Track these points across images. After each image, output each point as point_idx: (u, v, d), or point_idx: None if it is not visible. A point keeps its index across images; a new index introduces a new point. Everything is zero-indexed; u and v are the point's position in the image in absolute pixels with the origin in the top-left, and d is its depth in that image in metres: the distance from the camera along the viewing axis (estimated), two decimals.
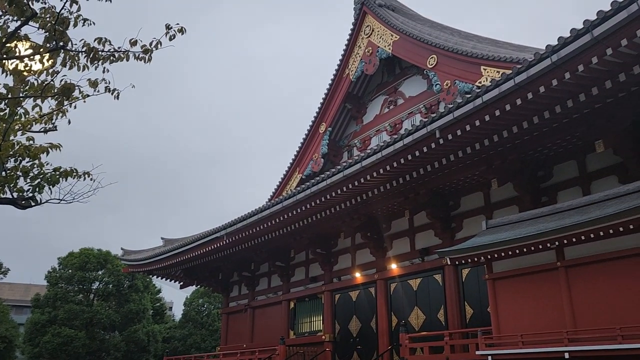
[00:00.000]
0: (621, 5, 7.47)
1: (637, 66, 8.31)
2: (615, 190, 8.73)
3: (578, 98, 9.19)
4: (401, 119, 18.85)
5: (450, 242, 14.06)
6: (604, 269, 8.00)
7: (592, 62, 8.07)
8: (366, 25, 20.05)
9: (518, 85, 8.93)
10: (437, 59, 16.36)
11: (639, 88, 9.22)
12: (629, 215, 7.02)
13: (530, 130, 10.43)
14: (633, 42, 7.62)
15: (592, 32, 7.81)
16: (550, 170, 12.45)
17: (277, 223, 15.97)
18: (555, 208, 9.53)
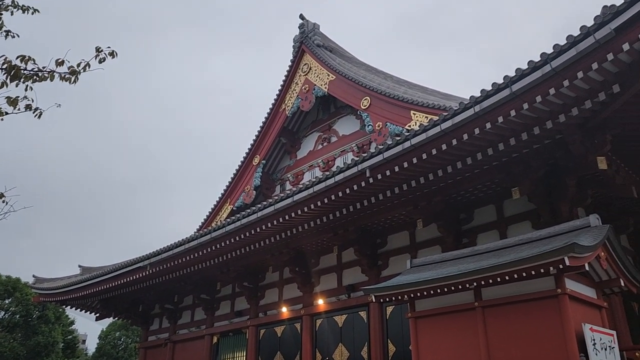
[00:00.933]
0: (536, 65, 8.17)
1: (549, 121, 9.05)
2: (528, 236, 9.30)
3: (497, 147, 9.83)
4: (334, 156, 19.23)
5: (377, 279, 14.29)
6: (517, 310, 8.41)
7: (511, 115, 8.69)
8: (304, 63, 20.52)
9: (444, 132, 9.42)
10: (371, 101, 16.96)
11: (552, 141, 10.01)
12: (538, 260, 7.48)
13: (454, 174, 10.98)
14: (546, 99, 8.32)
15: (511, 87, 8.44)
16: (471, 213, 13.08)
17: (204, 254, 15.60)
18: (474, 250, 9.99)
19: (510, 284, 8.28)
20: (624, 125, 9.48)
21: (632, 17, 7.12)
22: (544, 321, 7.95)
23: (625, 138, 9.94)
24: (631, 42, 7.27)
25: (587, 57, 7.66)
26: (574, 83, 7.96)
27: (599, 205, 11.86)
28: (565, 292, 7.75)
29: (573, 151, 9.74)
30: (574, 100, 8.50)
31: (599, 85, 8.21)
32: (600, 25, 7.37)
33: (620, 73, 7.99)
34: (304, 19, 21.48)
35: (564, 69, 7.85)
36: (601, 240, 7.93)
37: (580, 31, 7.62)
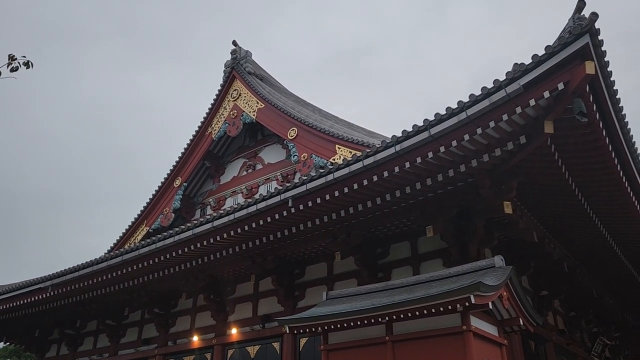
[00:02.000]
0: (454, 111, 8.68)
1: (463, 165, 9.60)
2: (439, 273, 9.69)
3: (415, 186, 10.26)
4: (258, 184, 19.17)
5: (292, 310, 14.21)
6: (425, 345, 8.66)
7: (428, 156, 9.13)
8: (234, 89, 20.50)
9: (365, 168, 9.71)
10: (298, 132, 17.18)
11: (464, 184, 10.59)
12: (446, 297, 7.80)
13: (373, 209, 11.29)
14: (461, 144, 8.83)
15: (430, 130, 8.89)
16: (387, 248, 13.44)
17: (114, 277, 14.81)
18: (388, 284, 10.25)
19: (420, 320, 8.53)
20: (528, 174, 10.24)
21: (538, 76, 7.80)
22: (450, 356, 8.23)
23: (529, 186, 10.72)
24: (537, 99, 7.94)
25: (498, 109, 8.26)
26: (486, 131, 8.53)
27: (504, 247, 12.60)
28: (470, 329, 8.10)
29: (483, 195, 10.35)
30: (486, 147, 9.10)
31: (508, 135, 8.86)
32: (511, 80, 8.00)
33: (526, 125, 8.67)
34: (236, 45, 21.56)
35: (478, 118, 8.40)
36: (504, 281, 8.41)
37: (493, 84, 8.23)
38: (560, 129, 8.61)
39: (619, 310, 19.54)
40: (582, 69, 7.51)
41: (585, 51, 7.49)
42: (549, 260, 13.63)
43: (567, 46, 7.54)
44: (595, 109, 8.39)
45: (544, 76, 7.80)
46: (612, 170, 9.96)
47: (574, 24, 7.59)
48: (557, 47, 7.62)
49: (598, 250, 14.10)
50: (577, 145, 9.33)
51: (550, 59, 7.67)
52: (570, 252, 14.37)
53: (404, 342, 8.86)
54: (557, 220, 12.51)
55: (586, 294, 16.44)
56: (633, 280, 16.48)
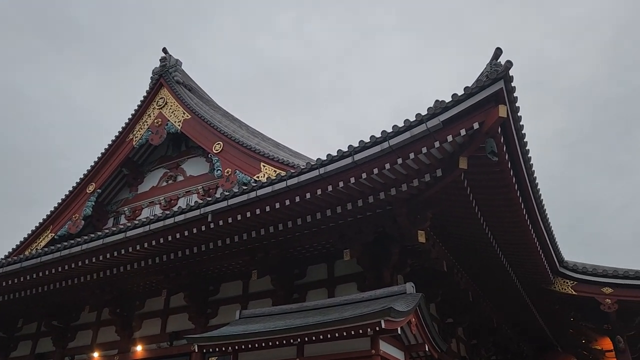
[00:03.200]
0: (377, 140, 9.01)
1: (382, 192, 9.93)
2: (353, 297, 9.87)
3: (336, 209, 10.46)
4: (178, 196, 18.65)
5: (204, 328, 13.81)
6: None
7: (350, 182, 9.37)
8: (160, 97, 19.96)
9: (289, 188, 9.78)
10: (223, 147, 16.97)
11: (383, 210, 10.93)
12: (358, 321, 7.96)
13: (293, 229, 11.34)
14: (382, 172, 9.16)
15: (354, 156, 9.15)
16: (305, 269, 13.50)
17: (9, 285, 13.72)
18: (302, 306, 10.28)
19: (331, 342, 8.62)
20: (442, 205, 10.76)
21: (456, 114, 8.30)
22: None
23: (442, 217, 11.26)
24: (454, 135, 8.43)
25: (419, 141, 8.67)
26: (406, 162, 8.91)
27: (416, 274, 13.05)
28: (378, 354, 8.30)
29: (399, 223, 10.73)
30: (405, 177, 9.48)
31: (426, 167, 9.30)
32: (432, 115, 8.44)
33: (443, 160, 9.16)
34: (166, 53, 21.08)
35: (399, 148, 8.77)
36: (414, 307, 8.71)
37: (415, 118, 8.64)
38: (473, 166, 9.16)
39: (515, 340, 20.78)
40: (496, 112, 8.09)
41: (499, 95, 8.09)
42: (455, 289, 14.30)
43: (483, 89, 8.10)
44: (505, 149, 9.04)
45: (462, 115, 8.32)
46: (516, 208, 10.71)
47: (490, 69, 8.18)
48: (475, 89, 8.17)
49: (500, 282, 15.00)
50: (487, 182, 9.96)
51: (468, 99, 8.20)
52: (475, 283, 15.17)
53: None
54: (466, 251, 13.19)
55: (487, 323, 17.37)
56: (530, 312, 17.65)
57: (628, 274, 14.64)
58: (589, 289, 15.13)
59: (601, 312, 15.18)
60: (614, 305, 14.76)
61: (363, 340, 8.42)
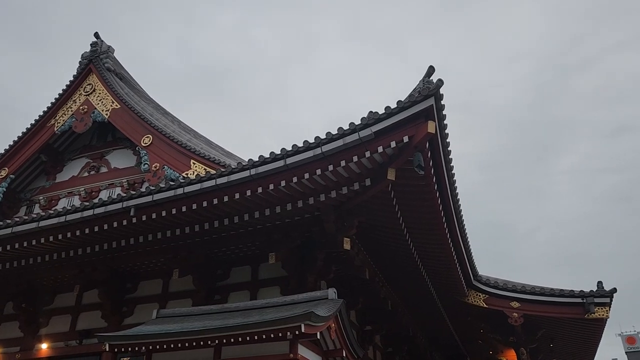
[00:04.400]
0: (310, 145, 9.09)
1: (312, 198, 10.01)
2: (275, 300, 9.85)
3: (264, 211, 10.41)
4: (100, 188, 17.80)
5: (118, 326, 13.23)
6: None
7: (281, 185, 9.37)
8: (88, 83, 19.02)
9: (218, 187, 9.62)
10: (153, 140, 16.43)
11: (311, 216, 11.01)
12: (278, 325, 7.95)
13: (220, 229, 11.15)
14: (313, 177, 9.24)
15: (286, 160, 9.17)
16: (228, 270, 13.31)
17: None
18: (223, 307, 10.13)
19: (249, 345, 8.54)
20: (369, 214, 11.01)
21: (388, 126, 8.55)
22: None
23: (368, 226, 11.52)
24: (384, 147, 8.67)
25: (350, 150, 8.84)
26: (337, 169, 9.05)
27: (339, 281, 13.24)
28: (296, 358, 8.32)
29: (326, 229, 10.85)
30: (334, 184, 9.62)
31: (356, 175, 9.49)
32: (364, 126, 8.64)
33: (373, 170, 9.38)
34: (98, 38, 20.14)
35: (331, 155, 8.89)
36: (334, 313, 8.83)
37: (349, 126, 8.80)
38: (400, 178, 9.44)
39: (428, 348, 21.56)
40: (425, 127, 8.42)
41: (429, 111, 8.42)
42: (376, 297, 14.65)
43: (415, 104, 8.40)
44: (431, 164, 9.41)
45: (393, 127, 8.57)
46: (437, 221, 11.16)
47: (423, 85, 8.51)
48: (407, 103, 8.45)
49: (419, 293, 15.53)
50: (412, 194, 10.31)
51: (400, 113, 8.47)
52: (395, 292, 15.63)
53: None
54: (388, 261, 13.56)
55: (403, 332, 17.91)
56: (444, 322, 18.39)
57: (534, 290, 15.64)
58: (499, 302, 16.00)
59: (508, 325, 16.09)
60: (520, 319, 15.69)
61: (282, 343, 8.41)
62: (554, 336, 17.34)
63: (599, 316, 15.09)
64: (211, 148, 17.12)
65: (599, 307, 15.10)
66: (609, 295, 15.19)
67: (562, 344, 18.25)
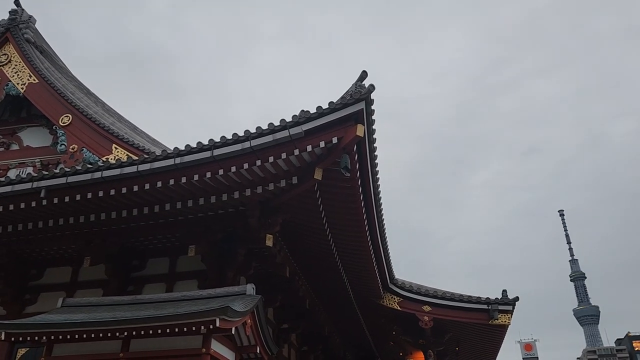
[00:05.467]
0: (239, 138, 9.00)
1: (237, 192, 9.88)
2: (191, 293, 9.63)
3: (187, 202, 10.14)
4: (8, 166, 16.58)
5: (18, 315, 12.37)
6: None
7: (206, 176, 9.18)
8: (4, 53, 17.65)
9: (139, 173, 9.26)
10: (72, 120, 15.54)
11: (235, 210, 10.87)
12: (192, 318, 7.77)
13: (138, 218, 10.74)
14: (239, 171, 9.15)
15: (213, 151, 9.00)
16: (145, 261, 12.83)
17: None
18: (136, 299, 9.76)
19: (161, 338, 8.28)
20: (293, 212, 11.03)
21: (318, 125, 8.63)
22: None
23: (292, 224, 11.54)
24: (314, 146, 8.74)
25: (279, 146, 8.83)
26: (264, 164, 9.00)
27: (258, 277, 13.15)
28: (209, 353, 8.16)
29: (250, 224, 10.75)
30: (261, 180, 9.56)
31: (283, 173, 9.48)
32: (295, 123, 8.66)
33: (300, 168, 9.42)
34: (19, 6, 18.73)
35: (260, 150, 8.83)
36: (251, 309, 8.76)
37: (279, 123, 8.79)
38: (326, 178, 9.55)
39: (342, 348, 21.96)
40: (354, 130, 8.57)
41: (359, 115, 8.58)
42: (295, 296, 14.70)
43: (346, 107, 8.53)
44: (357, 167, 9.59)
45: (324, 127, 8.66)
46: (360, 223, 11.39)
47: (355, 89, 8.66)
48: (339, 105, 8.57)
49: (336, 293, 15.78)
50: (337, 195, 10.46)
51: (332, 114, 8.57)
52: (313, 291, 15.77)
53: None
54: (309, 260, 13.67)
55: (319, 331, 18.11)
56: (358, 323, 18.79)
57: (445, 296, 16.36)
58: (412, 306, 16.59)
59: (419, 327, 16.72)
60: (430, 322, 16.36)
61: (195, 338, 8.23)
62: (460, 340, 18.23)
63: (502, 322, 16.05)
64: (136, 134, 16.46)
65: (502, 314, 16.06)
66: (511, 303, 16.19)
67: (467, 348, 19.22)
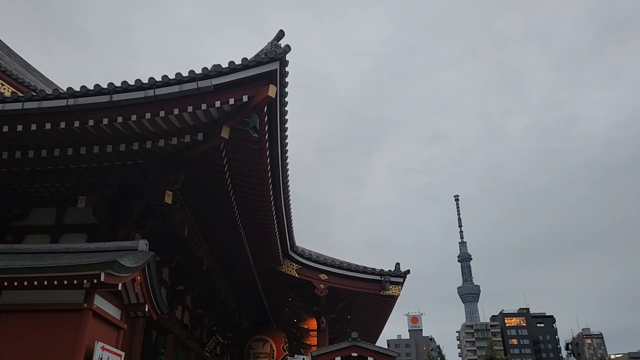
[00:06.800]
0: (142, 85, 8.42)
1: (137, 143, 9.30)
2: (76, 245, 8.97)
3: (79, 150, 9.39)
4: None
5: None
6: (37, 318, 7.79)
7: (103, 122, 8.52)
8: None
9: (25, 112, 8.40)
10: None
11: (134, 163, 10.26)
12: (74, 271, 7.25)
13: (22, 162, 9.82)
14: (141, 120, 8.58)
15: (112, 96, 8.36)
16: (28, 210, 11.86)
17: None
18: (12, 248, 8.95)
19: (38, 291, 7.68)
20: (196, 170, 10.63)
21: (229, 81, 8.29)
22: (62, 334, 7.61)
23: (195, 183, 11.14)
24: (223, 102, 8.39)
25: (186, 99, 8.38)
26: (169, 116, 8.52)
27: (155, 236, 12.61)
28: (90, 308, 7.69)
29: (148, 179, 10.23)
30: (164, 132, 9.06)
31: (189, 127, 9.05)
32: (205, 76, 8.25)
33: (207, 124, 9.04)
34: None
35: (165, 100, 8.33)
36: (142, 265, 8.35)
37: (188, 74, 8.32)
38: (234, 138, 9.24)
39: (238, 313, 21.97)
40: (266, 90, 8.33)
41: (273, 75, 8.35)
42: (192, 257, 14.36)
43: (260, 65, 8.26)
44: (267, 129, 9.38)
45: (234, 84, 8.33)
46: (264, 187, 11.25)
47: (271, 47, 8.40)
48: (252, 62, 8.27)
49: (236, 257, 15.62)
50: (243, 157, 10.20)
51: (244, 71, 8.26)
52: (212, 254, 15.50)
53: (12, 314, 7.82)
54: (210, 221, 13.34)
55: (215, 295, 17.92)
56: (256, 288, 18.82)
57: (342, 265, 16.81)
58: (309, 273, 16.88)
59: (314, 295, 17.09)
60: (325, 290, 16.77)
61: (77, 292, 7.71)
62: (352, 308, 18.90)
63: (392, 293, 16.83)
64: (27, 71, 14.95)
65: (394, 285, 16.83)
66: (402, 276, 17.00)
67: (358, 316, 19.99)
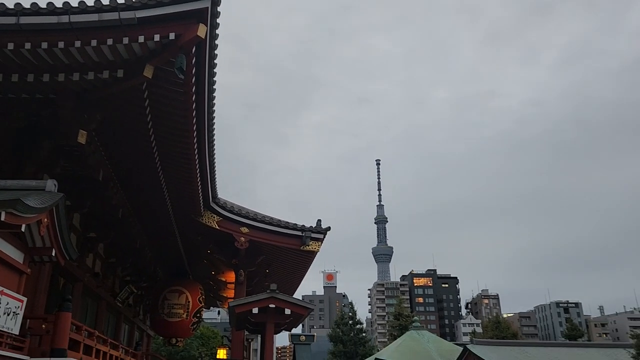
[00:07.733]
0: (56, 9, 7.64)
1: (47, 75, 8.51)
2: None
3: None
4: None
5: None
6: None
7: (8, 47, 7.69)
8: None
9: None
10: None
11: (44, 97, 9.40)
12: None
13: None
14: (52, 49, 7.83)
15: (20, 18, 7.56)
16: None
17: None
18: None
19: None
20: (115, 111, 9.97)
21: (155, 16, 7.70)
22: None
23: (112, 124, 10.47)
24: (147, 38, 7.81)
25: (106, 30, 7.71)
26: (85, 47, 7.82)
27: (67, 179, 11.81)
28: None
29: (60, 116, 9.46)
30: (79, 65, 8.34)
31: (107, 62, 8.37)
32: (128, 7, 7.61)
33: (128, 61, 8.41)
34: None
35: (81, 29, 7.63)
36: (49, 206, 7.79)
37: (109, 2, 7.63)
38: (158, 78, 8.70)
39: (153, 264, 21.44)
40: (196, 29, 7.84)
41: (203, 13, 7.85)
42: (107, 203, 13.66)
43: (190, 1, 7.72)
44: (194, 72, 8.88)
45: (161, 19, 7.77)
46: (188, 134, 10.76)
47: None
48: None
49: (154, 206, 15.05)
50: (167, 100, 9.64)
51: (172, 5, 7.71)
52: (129, 201, 14.83)
53: None
54: (128, 166, 12.69)
55: (130, 244, 17.29)
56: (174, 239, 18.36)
57: (264, 219, 16.75)
58: (230, 226, 16.68)
59: (234, 248, 16.97)
60: (246, 244, 16.69)
61: None
62: (272, 262, 19.01)
63: (312, 249, 17.07)
64: None
65: (314, 241, 17.05)
66: (323, 232, 17.25)
67: (276, 270, 20.16)
